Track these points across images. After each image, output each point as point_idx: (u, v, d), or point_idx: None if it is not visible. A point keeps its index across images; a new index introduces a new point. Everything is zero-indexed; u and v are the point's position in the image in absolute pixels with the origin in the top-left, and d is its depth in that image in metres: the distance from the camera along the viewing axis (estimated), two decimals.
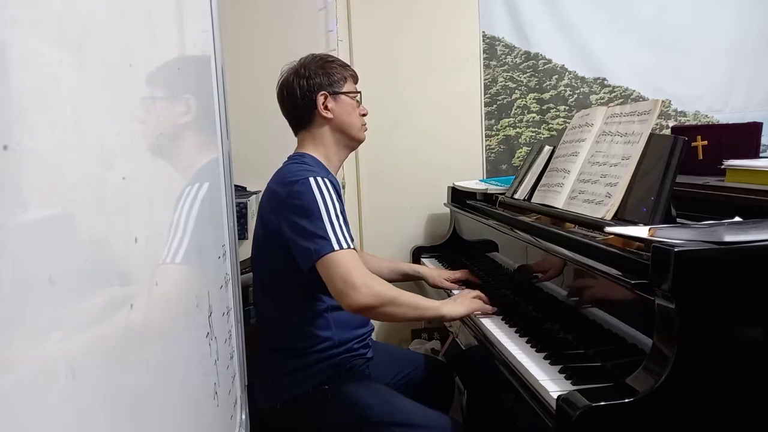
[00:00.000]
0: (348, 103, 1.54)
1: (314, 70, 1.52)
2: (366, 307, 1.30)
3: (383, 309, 1.33)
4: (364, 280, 1.30)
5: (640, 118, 1.35)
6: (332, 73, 1.53)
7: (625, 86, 2.67)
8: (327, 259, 1.30)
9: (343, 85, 1.54)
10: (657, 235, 0.98)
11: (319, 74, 1.51)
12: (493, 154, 2.67)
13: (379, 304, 1.31)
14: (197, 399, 0.77)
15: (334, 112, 1.52)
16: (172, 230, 0.69)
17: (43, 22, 0.40)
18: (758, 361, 0.95)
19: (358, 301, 1.29)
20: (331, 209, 1.35)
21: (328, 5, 2.37)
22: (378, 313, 1.37)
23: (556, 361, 1.17)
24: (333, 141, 1.54)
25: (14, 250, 0.35)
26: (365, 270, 1.34)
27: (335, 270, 1.30)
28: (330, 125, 1.53)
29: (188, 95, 0.84)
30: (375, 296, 1.30)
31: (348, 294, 1.29)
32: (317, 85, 1.51)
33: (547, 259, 1.43)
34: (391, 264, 1.92)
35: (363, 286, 1.28)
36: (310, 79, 1.51)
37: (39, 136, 0.39)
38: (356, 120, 1.56)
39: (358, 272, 1.30)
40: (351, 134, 1.56)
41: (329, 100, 1.51)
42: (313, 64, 1.53)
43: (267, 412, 1.47)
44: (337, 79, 1.53)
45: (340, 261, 1.30)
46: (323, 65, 1.53)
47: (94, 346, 0.45)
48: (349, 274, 1.29)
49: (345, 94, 1.54)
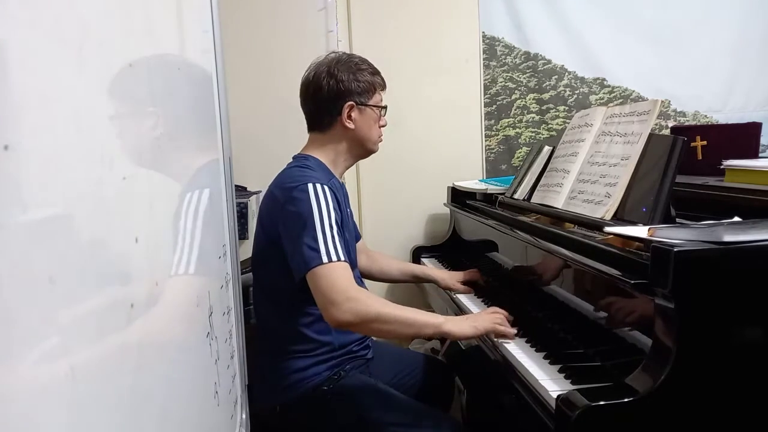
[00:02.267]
0: (371, 116, 1.51)
1: (346, 74, 1.46)
2: (345, 323, 1.27)
3: (368, 326, 1.28)
4: (348, 295, 1.25)
5: (639, 119, 1.35)
6: (362, 81, 1.47)
7: (624, 86, 2.67)
8: (315, 271, 1.27)
9: (371, 96, 1.49)
10: (656, 235, 0.98)
11: (351, 80, 1.46)
12: (492, 154, 2.67)
13: (360, 321, 1.25)
14: (198, 398, 0.77)
15: (357, 124, 1.48)
16: (175, 234, 0.69)
17: (43, 22, 0.40)
18: (758, 361, 0.95)
19: (337, 318, 1.25)
20: (325, 219, 1.32)
21: (328, 5, 2.37)
22: (361, 330, 1.34)
23: (556, 360, 1.17)
24: (345, 149, 1.52)
25: (14, 250, 0.35)
26: (352, 285, 1.28)
27: (320, 283, 1.27)
28: (348, 135, 1.50)
29: (188, 95, 0.84)
30: (356, 313, 1.24)
31: (328, 310, 1.25)
32: (347, 92, 1.46)
33: (546, 259, 1.43)
34: (402, 265, 1.90)
35: (345, 302, 1.24)
36: (341, 83, 1.45)
37: (39, 136, 0.39)
38: (375, 133, 1.53)
39: (342, 287, 1.26)
40: (366, 147, 1.54)
41: (355, 110, 1.47)
42: (345, 68, 1.47)
43: (267, 413, 1.46)
44: (366, 88, 1.48)
45: (326, 275, 1.27)
46: (356, 71, 1.48)
47: (94, 346, 0.45)
48: (331, 290, 1.25)
49: (371, 107, 1.50)
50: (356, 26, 2.47)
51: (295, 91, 1.55)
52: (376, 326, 1.27)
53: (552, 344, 1.25)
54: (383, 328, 1.28)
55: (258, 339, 1.51)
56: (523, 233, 1.52)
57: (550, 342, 1.27)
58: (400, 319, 1.28)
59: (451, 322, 1.32)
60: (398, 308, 1.30)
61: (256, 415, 1.37)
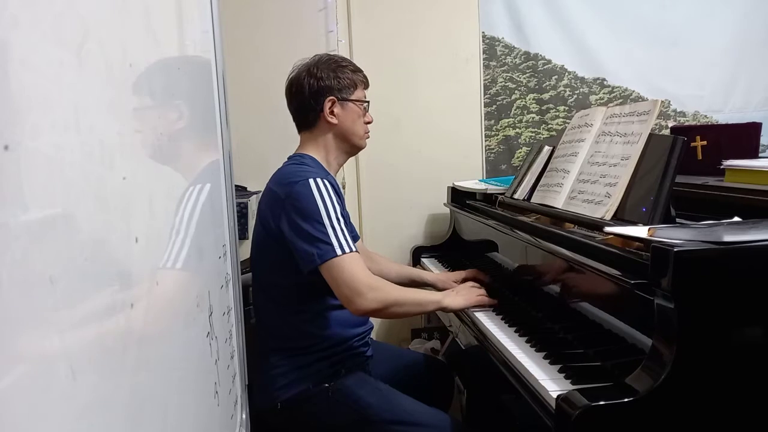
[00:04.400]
0: (354, 110, 1.54)
1: (326, 72, 1.50)
2: (372, 311, 1.36)
3: (388, 311, 1.38)
4: (369, 284, 1.34)
5: (639, 119, 1.35)
6: (343, 78, 1.52)
7: (624, 86, 2.67)
8: (331, 264, 1.33)
9: (352, 92, 1.53)
10: (656, 235, 0.98)
11: (331, 77, 1.50)
12: (492, 154, 2.67)
13: (384, 307, 1.36)
14: (198, 398, 0.77)
15: (339, 118, 1.52)
16: (173, 233, 0.69)
17: (43, 22, 0.40)
18: (757, 361, 0.95)
19: (364, 307, 1.33)
20: (331, 211, 1.36)
21: (328, 5, 2.37)
22: (382, 314, 1.42)
23: (556, 360, 1.17)
24: (334, 145, 1.55)
25: (14, 250, 0.35)
26: (368, 273, 1.37)
27: (340, 276, 1.33)
28: (333, 130, 1.53)
29: (188, 95, 0.84)
30: (380, 301, 1.34)
31: (354, 300, 1.33)
32: (327, 88, 1.50)
33: (546, 260, 1.43)
34: (400, 268, 1.92)
35: (369, 291, 1.33)
36: (321, 80, 1.50)
37: (39, 136, 0.39)
38: (360, 128, 1.56)
39: (362, 277, 1.34)
40: (352, 142, 1.56)
41: (336, 105, 1.51)
42: (326, 66, 1.52)
43: (267, 412, 1.46)
44: (347, 84, 1.52)
45: (344, 266, 1.33)
46: (336, 69, 1.52)
47: (94, 346, 0.45)
48: (353, 281, 1.33)
49: (353, 102, 1.53)
50: (356, 26, 2.47)
51: None
52: (394, 309, 1.39)
53: (552, 344, 1.25)
54: (399, 311, 1.41)
55: (258, 337, 1.52)
56: (523, 233, 1.52)
57: (550, 342, 1.27)
58: (412, 300, 1.45)
59: (448, 298, 1.52)
60: (408, 291, 1.48)
61: (256, 413, 1.37)
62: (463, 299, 1.52)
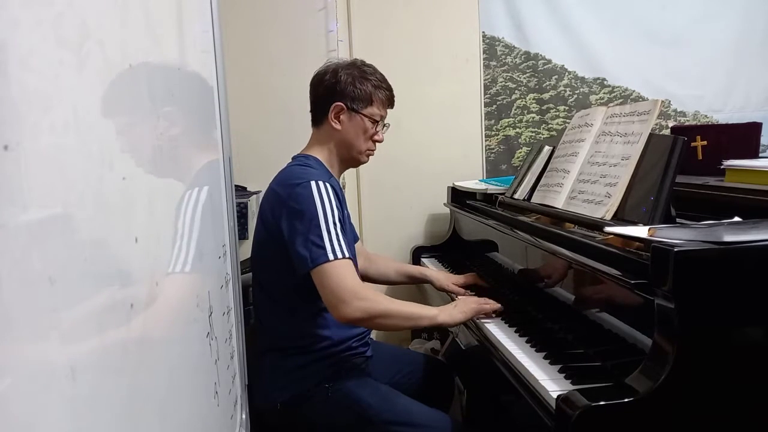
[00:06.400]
0: (360, 124, 1.51)
1: (347, 78, 1.49)
2: (355, 320, 1.33)
3: (373, 321, 1.35)
4: (355, 292, 1.31)
5: (639, 119, 1.35)
6: (360, 89, 1.49)
7: (624, 86, 2.67)
8: (321, 269, 1.31)
9: (365, 106, 1.50)
10: (657, 235, 0.98)
11: (348, 84, 1.48)
12: (492, 154, 2.67)
13: (368, 317, 1.32)
14: (197, 398, 0.77)
15: (344, 126, 1.50)
16: (177, 237, 0.69)
17: (43, 22, 0.40)
18: (757, 361, 0.95)
19: (346, 314, 1.31)
20: (329, 216, 1.35)
21: (328, 5, 2.38)
22: (367, 325, 1.40)
23: (556, 360, 1.17)
24: (335, 150, 1.54)
25: (14, 250, 0.35)
26: (357, 281, 1.34)
27: (327, 281, 1.31)
28: (335, 136, 1.52)
29: (188, 95, 0.84)
30: (364, 311, 1.31)
31: (337, 307, 1.31)
32: (339, 93, 1.48)
33: (546, 260, 1.43)
34: (398, 266, 1.92)
35: (353, 300, 1.30)
36: (338, 84, 1.48)
37: (39, 136, 0.39)
38: (361, 143, 1.53)
39: (348, 284, 1.31)
40: (351, 154, 1.54)
41: (344, 113, 1.49)
42: (350, 72, 1.50)
43: (267, 412, 1.46)
44: (362, 97, 1.49)
45: (333, 272, 1.31)
46: (358, 77, 1.50)
47: (94, 346, 0.45)
48: (339, 287, 1.30)
49: (362, 115, 1.51)
50: (356, 26, 2.47)
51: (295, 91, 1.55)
52: (380, 321, 1.35)
53: (552, 344, 1.25)
54: (386, 323, 1.37)
55: (258, 337, 1.52)
56: (523, 233, 1.52)
57: (550, 342, 1.27)
58: (402, 313, 1.38)
59: (444, 313, 1.43)
60: (400, 303, 1.40)
61: (256, 413, 1.37)
62: (461, 314, 1.45)
